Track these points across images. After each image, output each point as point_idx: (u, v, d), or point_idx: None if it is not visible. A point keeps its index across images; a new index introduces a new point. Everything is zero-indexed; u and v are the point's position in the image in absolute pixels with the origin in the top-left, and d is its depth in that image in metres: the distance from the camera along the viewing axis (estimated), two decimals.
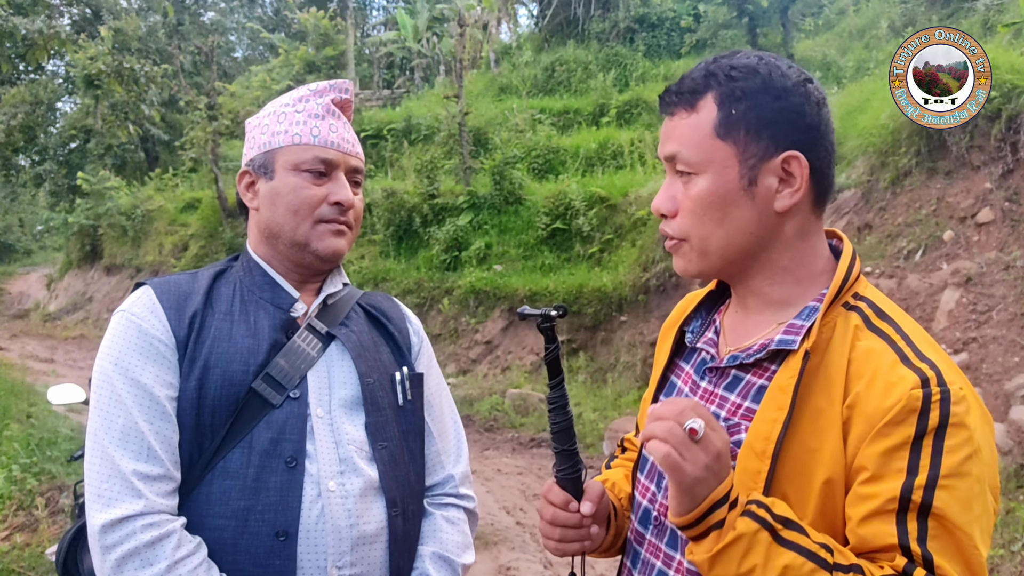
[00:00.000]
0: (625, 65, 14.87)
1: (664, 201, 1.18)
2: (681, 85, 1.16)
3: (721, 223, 1.13)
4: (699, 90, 1.14)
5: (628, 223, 9.80)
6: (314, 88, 1.51)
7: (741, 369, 1.17)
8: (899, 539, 0.98)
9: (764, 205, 1.12)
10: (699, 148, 1.12)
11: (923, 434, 0.99)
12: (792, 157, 1.10)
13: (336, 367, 1.46)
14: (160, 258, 17.45)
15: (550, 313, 1.22)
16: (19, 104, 22.57)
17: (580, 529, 1.24)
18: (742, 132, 1.11)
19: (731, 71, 1.13)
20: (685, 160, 1.14)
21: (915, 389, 1.00)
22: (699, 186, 1.13)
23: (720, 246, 1.14)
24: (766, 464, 1.05)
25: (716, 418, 1.15)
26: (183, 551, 1.26)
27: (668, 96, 1.18)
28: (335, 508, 1.35)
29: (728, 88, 1.12)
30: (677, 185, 1.16)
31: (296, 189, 1.43)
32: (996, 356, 5.11)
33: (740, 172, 1.11)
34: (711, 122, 1.12)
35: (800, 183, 1.11)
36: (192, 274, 1.48)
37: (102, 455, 1.29)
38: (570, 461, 1.24)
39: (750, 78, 1.12)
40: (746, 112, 1.11)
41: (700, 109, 1.13)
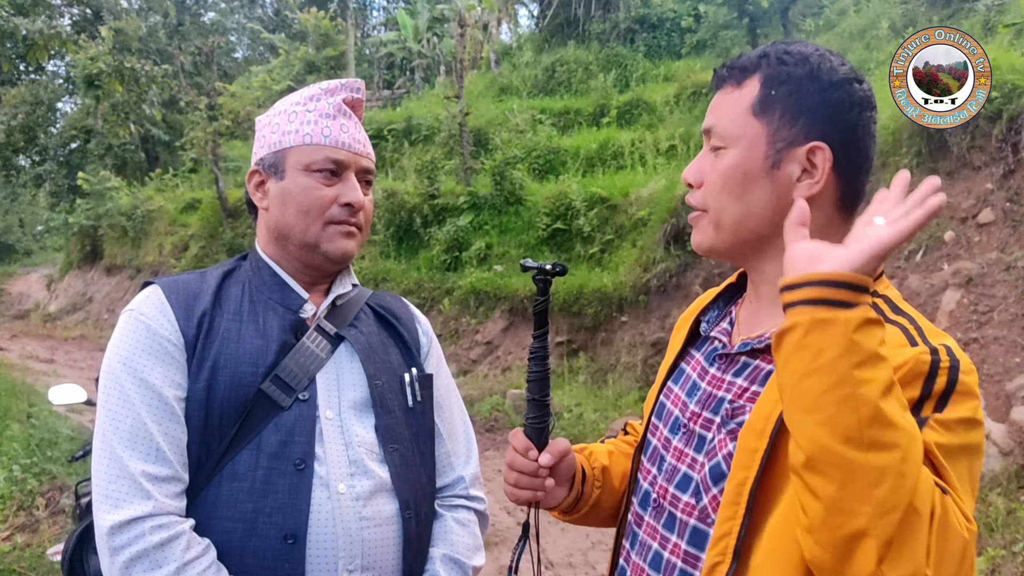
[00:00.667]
0: (625, 66, 14.87)
1: (692, 171, 1.21)
2: (736, 61, 1.19)
3: (739, 199, 1.15)
4: (749, 68, 1.16)
5: (629, 224, 9.80)
6: (325, 87, 1.50)
7: (751, 355, 1.18)
8: None
9: (783, 190, 1.13)
10: (734, 122, 1.15)
11: (927, 397, 0.98)
12: (818, 148, 1.11)
13: (345, 368, 1.45)
14: (160, 258, 17.45)
15: (546, 267, 1.27)
16: (19, 104, 22.60)
17: (535, 478, 1.29)
18: (777, 114, 1.13)
19: (784, 55, 1.15)
20: (720, 133, 1.17)
21: (923, 355, 0.99)
22: (726, 159, 1.15)
23: (733, 221, 1.16)
24: (764, 442, 1.05)
25: (721, 402, 1.17)
26: (192, 553, 1.25)
27: (721, 70, 1.20)
28: (345, 511, 1.34)
29: (776, 70, 1.14)
30: (708, 158, 1.19)
31: (307, 190, 1.42)
32: (997, 357, 5.11)
33: (767, 152, 1.13)
34: (751, 99, 1.15)
35: (821, 176, 1.12)
36: (200, 273, 1.47)
37: (110, 456, 1.28)
38: (539, 411, 1.30)
39: (799, 65, 1.13)
40: (786, 95, 1.13)
41: (745, 86, 1.16)
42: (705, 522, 1.14)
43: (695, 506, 1.16)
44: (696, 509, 1.16)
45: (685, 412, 1.23)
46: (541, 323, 1.30)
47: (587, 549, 4.76)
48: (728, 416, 1.16)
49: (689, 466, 1.19)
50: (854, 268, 0.91)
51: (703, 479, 1.15)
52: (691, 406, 1.23)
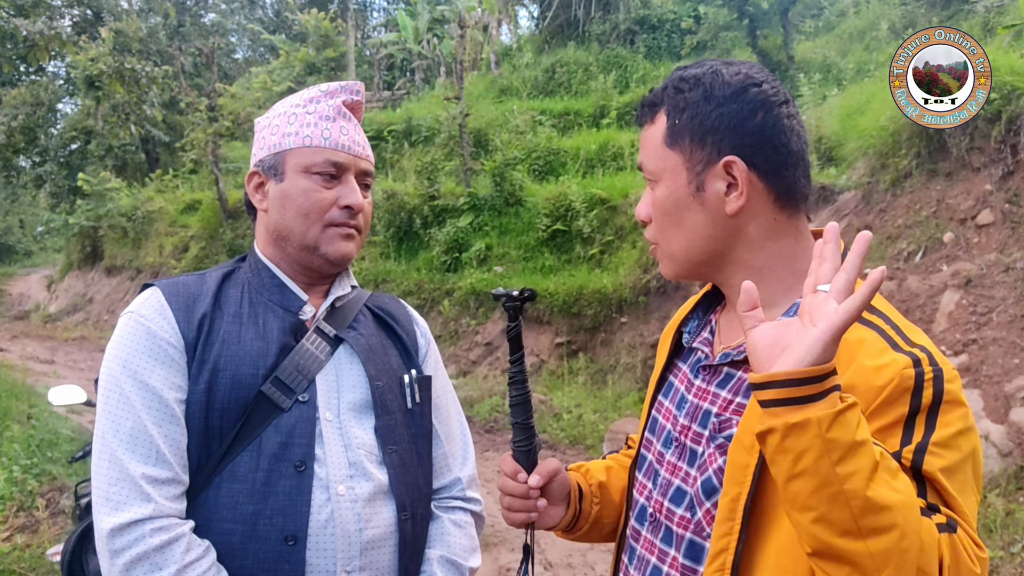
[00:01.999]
0: (626, 67, 14.88)
1: (641, 208, 1.26)
2: (646, 98, 1.24)
3: (679, 227, 1.20)
4: (657, 103, 1.22)
5: (628, 225, 9.80)
6: (325, 89, 1.50)
7: (733, 366, 1.19)
8: None
9: (715, 209, 1.16)
10: (655, 157, 1.20)
11: (916, 412, 0.99)
12: (731, 162, 1.14)
13: (345, 370, 1.45)
14: (160, 259, 17.45)
15: (513, 294, 1.31)
16: (20, 105, 22.59)
17: (527, 500, 1.32)
18: (687, 140, 1.17)
19: (679, 83, 1.19)
20: (648, 168, 1.22)
21: (907, 369, 0.99)
22: (658, 193, 1.21)
23: (682, 249, 1.21)
24: (754, 458, 1.05)
25: (708, 415, 1.18)
26: (192, 555, 1.26)
27: (639, 109, 1.26)
28: (344, 512, 1.34)
29: (675, 99, 1.19)
30: (649, 193, 1.24)
31: (306, 192, 1.43)
32: (996, 358, 5.11)
33: (688, 178, 1.17)
34: (662, 132, 1.19)
35: (742, 186, 1.14)
36: (200, 275, 1.47)
37: (110, 458, 1.28)
38: (524, 434, 1.32)
39: (694, 89, 1.17)
40: (689, 121, 1.17)
41: (656, 121, 1.21)
42: (700, 535, 1.15)
43: (690, 519, 1.17)
44: (691, 523, 1.17)
45: (676, 425, 1.25)
46: (516, 347, 1.32)
47: (586, 550, 4.76)
48: (716, 430, 1.16)
49: (683, 480, 1.20)
50: (815, 360, 0.90)
51: (696, 493, 1.16)
52: (681, 419, 1.24)
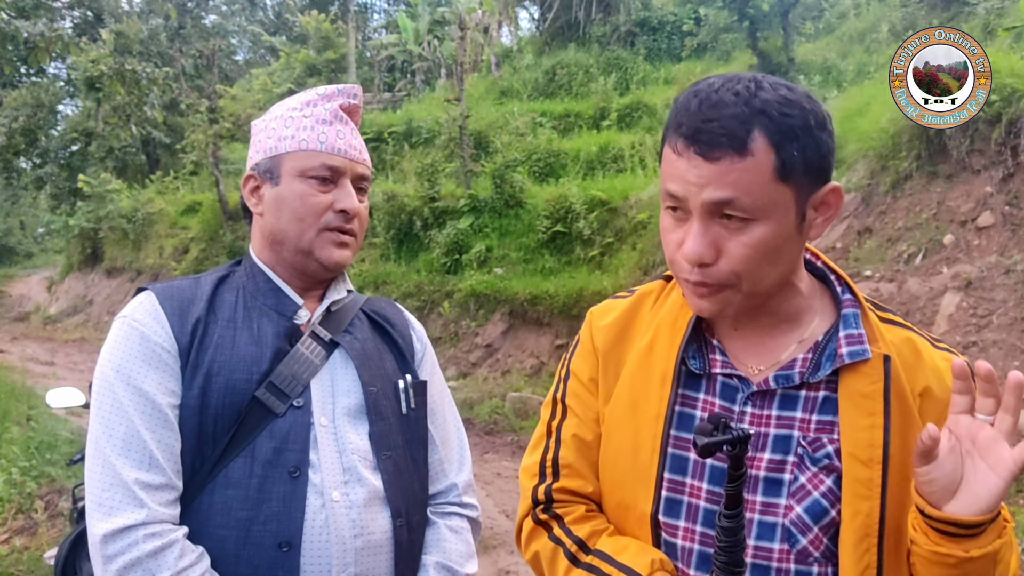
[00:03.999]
0: (626, 68, 14.88)
1: (707, 249, 1.07)
2: (723, 124, 1.03)
3: (775, 264, 1.09)
4: (749, 129, 1.02)
5: (628, 226, 9.80)
6: (322, 92, 1.49)
7: (792, 388, 1.15)
8: None
9: (806, 236, 1.12)
10: (762, 192, 1.03)
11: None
12: (834, 189, 1.10)
13: (340, 375, 1.44)
14: (161, 261, 17.45)
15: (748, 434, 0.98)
16: (20, 107, 22.61)
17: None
18: (800, 171, 1.05)
19: (780, 106, 1.03)
20: (744, 207, 1.03)
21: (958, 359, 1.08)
22: (760, 232, 1.05)
23: (771, 285, 1.12)
24: (877, 471, 1.07)
25: (787, 440, 1.13)
26: (186, 561, 1.25)
27: (708, 136, 1.03)
28: (339, 518, 1.33)
29: (782, 125, 1.03)
30: (714, 229, 1.06)
31: (302, 196, 1.42)
32: (996, 360, 5.10)
33: (797, 211, 1.07)
34: (770, 165, 1.03)
35: (834, 210, 1.12)
36: (194, 279, 1.46)
37: (103, 463, 1.27)
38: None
39: (799, 113, 1.04)
40: (802, 151, 1.04)
41: (754, 152, 1.02)
42: (805, 563, 1.11)
43: (790, 551, 1.11)
44: (792, 553, 1.11)
45: None
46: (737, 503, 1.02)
47: None
48: (812, 452, 1.11)
49: (764, 513, 1.12)
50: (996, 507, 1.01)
51: (797, 521, 1.11)
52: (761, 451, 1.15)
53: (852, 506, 1.07)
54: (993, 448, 0.99)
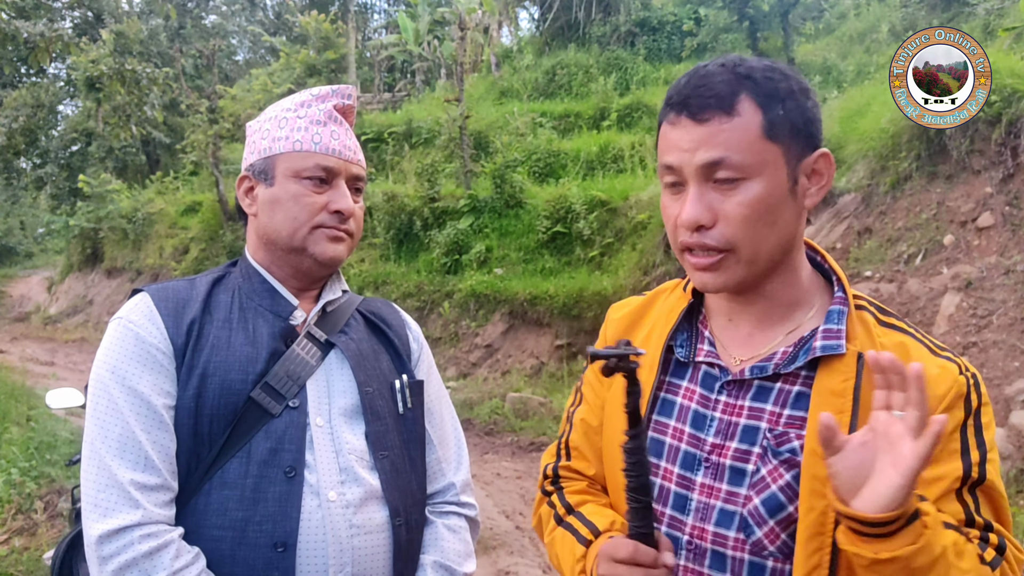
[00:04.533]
0: (626, 69, 14.88)
1: (703, 211, 1.10)
2: (711, 88, 1.10)
3: (773, 227, 1.11)
4: (735, 92, 1.09)
5: (628, 227, 9.80)
6: (316, 93, 1.49)
7: (768, 379, 1.16)
8: (964, 514, 1.06)
9: (801, 204, 1.14)
10: (751, 151, 1.08)
11: (968, 415, 1.08)
12: (824, 154, 1.14)
13: (335, 375, 1.44)
14: (161, 261, 17.45)
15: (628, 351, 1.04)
16: (20, 107, 22.60)
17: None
18: (787, 131, 1.10)
19: (765, 72, 1.11)
20: (735, 165, 1.08)
21: (959, 376, 1.09)
22: (751, 191, 1.09)
23: (771, 250, 1.13)
24: None
25: (755, 431, 1.15)
26: (181, 561, 1.25)
27: (698, 100, 1.10)
28: (336, 518, 1.33)
29: (768, 88, 1.10)
30: (709, 194, 1.10)
31: (296, 197, 1.41)
32: (996, 361, 5.10)
33: (787, 172, 1.11)
34: (758, 124, 1.09)
35: (827, 179, 1.15)
36: (190, 280, 1.46)
37: (99, 464, 1.27)
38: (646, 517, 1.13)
39: (784, 79, 1.12)
40: (790, 112, 1.10)
41: (742, 112, 1.08)
42: (760, 555, 1.12)
43: (746, 540, 1.13)
44: (748, 543, 1.13)
45: (702, 446, 1.19)
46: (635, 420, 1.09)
47: None
48: (776, 445, 1.13)
49: (727, 501, 1.15)
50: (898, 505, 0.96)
51: (753, 512, 1.12)
52: (709, 438, 1.18)
53: (808, 502, 1.07)
54: (898, 444, 0.95)
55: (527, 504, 5.87)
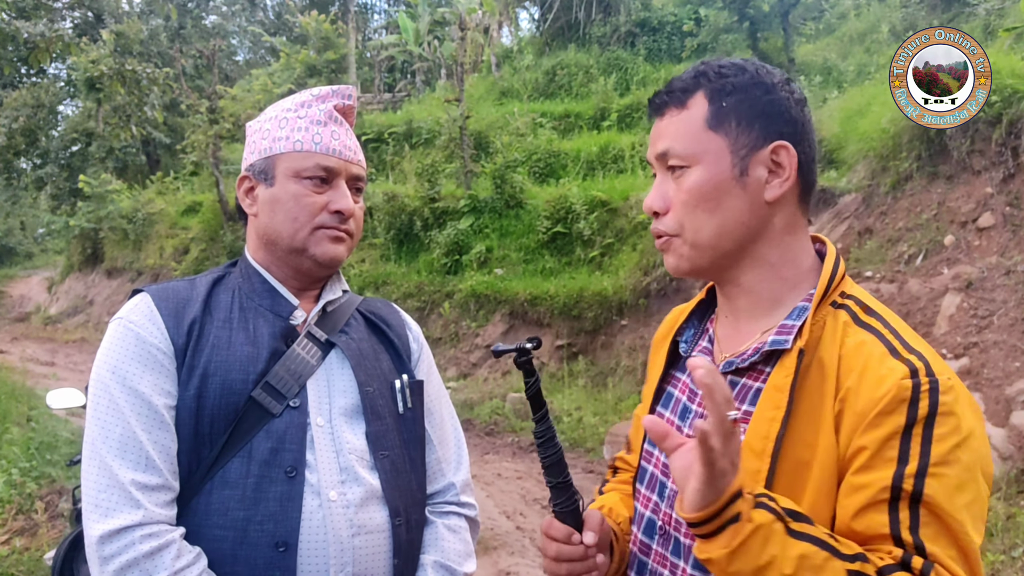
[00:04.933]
0: (626, 69, 14.87)
1: (656, 199, 1.20)
2: (671, 86, 1.20)
3: (714, 213, 1.15)
4: (689, 88, 1.17)
5: (629, 227, 9.80)
6: (316, 93, 1.49)
7: (737, 374, 1.18)
8: (891, 529, 0.99)
9: (755, 195, 1.15)
10: (692, 140, 1.15)
11: (913, 423, 1.00)
12: (781, 147, 1.14)
13: (336, 375, 1.44)
14: (161, 261, 17.46)
15: (525, 347, 1.18)
16: (21, 107, 22.62)
17: (586, 560, 1.22)
18: (733, 123, 1.14)
19: (720, 69, 1.17)
20: (678, 154, 1.16)
21: (904, 379, 1.01)
22: (692, 178, 1.15)
23: (712, 236, 1.16)
24: (766, 463, 1.06)
25: None
26: (183, 561, 1.25)
27: (658, 98, 1.21)
28: (336, 518, 1.33)
29: (718, 84, 1.16)
30: (668, 183, 1.19)
31: (296, 197, 1.41)
32: (997, 361, 5.10)
33: (732, 162, 1.14)
34: (702, 115, 1.15)
35: (790, 172, 1.14)
36: (190, 280, 1.46)
37: (100, 464, 1.27)
38: (566, 493, 1.22)
39: (739, 74, 1.16)
40: (737, 104, 1.14)
41: (691, 106, 1.16)
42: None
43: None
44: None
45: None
46: (538, 405, 1.21)
47: None
48: None
49: None
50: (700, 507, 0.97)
51: None
52: (686, 430, 1.22)
53: None
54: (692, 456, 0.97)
55: (527, 504, 5.87)
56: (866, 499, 1.01)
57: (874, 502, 1.00)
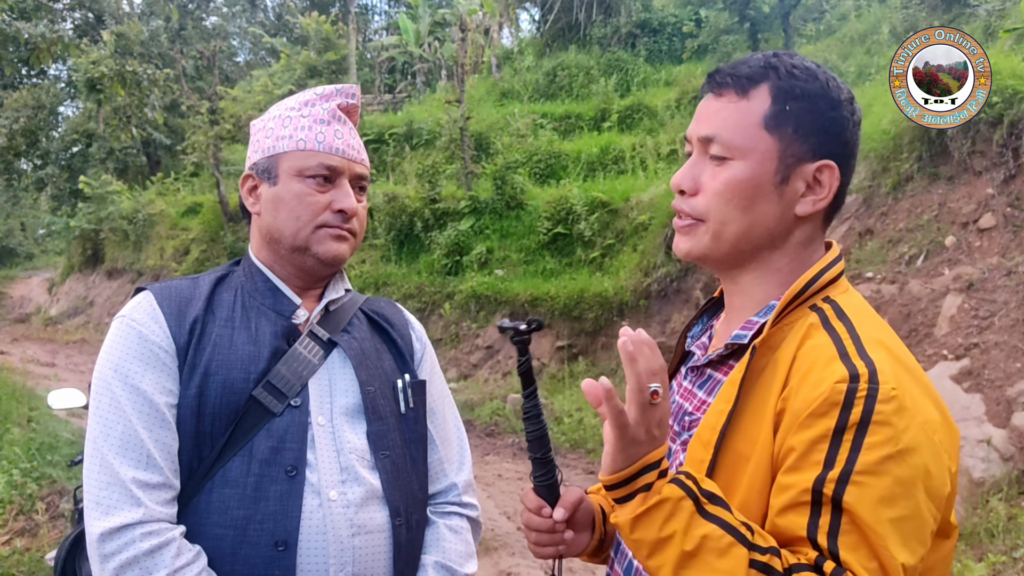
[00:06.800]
0: (627, 70, 14.88)
1: (686, 178, 1.17)
2: (737, 69, 1.15)
3: (745, 212, 1.13)
4: (756, 78, 1.13)
5: (629, 228, 9.80)
6: (320, 92, 1.49)
7: (712, 367, 1.20)
8: (808, 531, 0.98)
9: (788, 205, 1.14)
10: (744, 134, 1.12)
11: (843, 428, 0.98)
12: (827, 166, 1.12)
13: (338, 375, 1.44)
14: (161, 262, 17.46)
15: (520, 327, 1.23)
16: (21, 108, 22.65)
17: (554, 534, 1.27)
18: (790, 129, 1.11)
19: (793, 68, 1.13)
20: (725, 143, 1.13)
21: (840, 383, 0.99)
22: (733, 171, 1.12)
23: (736, 233, 1.14)
24: (709, 453, 1.08)
25: (684, 414, 1.21)
26: (183, 560, 1.25)
27: (720, 76, 1.16)
28: (336, 517, 1.33)
29: (787, 83, 1.12)
30: (703, 166, 1.16)
31: (299, 196, 1.41)
32: (998, 362, 5.09)
33: (777, 168, 1.12)
34: (762, 112, 1.12)
35: (828, 193, 1.13)
36: (193, 279, 1.46)
37: (101, 463, 1.27)
38: (545, 468, 1.27)
39: (811, 80, 1.12)
40: (800, 111, 1.11)
41: (752, 97, 1.13)
42: None
43: None
44: None
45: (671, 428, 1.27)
46: (528, 382, 1.26)
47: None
48: (684, 428, 1.19)
49: None
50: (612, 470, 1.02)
51: None
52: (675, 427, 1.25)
53: None
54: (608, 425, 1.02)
55: None
56: (789, 499, 1.00)
57: (796, 503, 0.99)
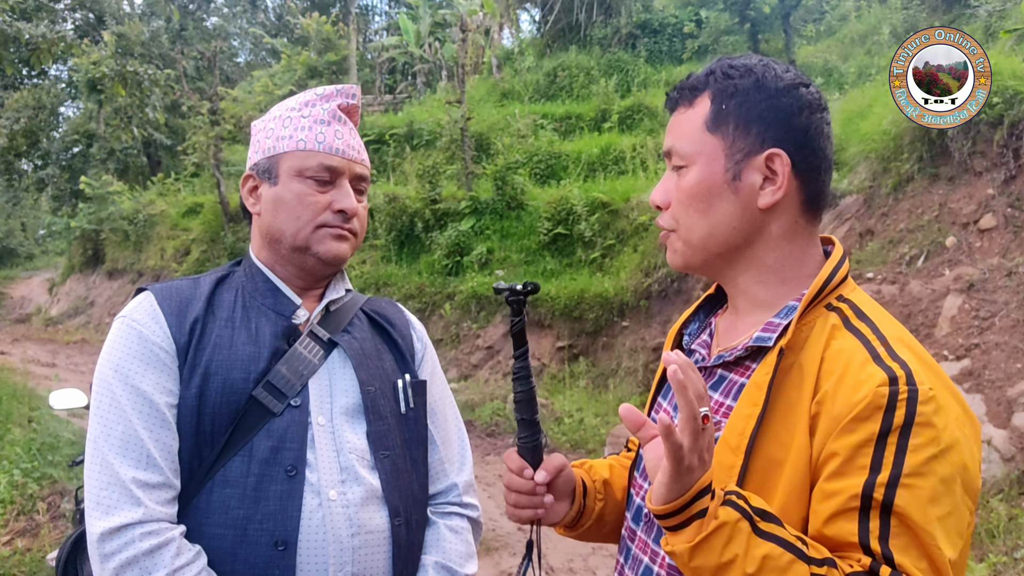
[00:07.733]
0: (627, 71, 14.89)
1: (659, 193, 1.23)
2: (685, 82, 1.21)
3: (705, 214, 1.16)
4: (699, 87, 1.19)
5: (630, 228, 9.80)
6: (321, 93, 1.50)
7: (726, 368, 1.19)
8: (859, 537, 0.98)
9: (747, 200, 1.15)
10: (691, 140, 1.17)
11: (888, 431, 0.98)
12: (775, 155, 1.13)
13: (338, 375, 1.44)
14: (162, 263, 17.47)
15: (517, 287, 1.27)
16: (22, 108, 22.65)
17: (534, 496, 1.30)
18: (731, 126, 1.15)
19: (729, 69, 1.17)
20: (679, 152, 1.18)
21: (882, 386, 1.00)
22: (688, 177, 1.17)
23: (702, 237, 1.17)
24: (739, 459, 1.07)
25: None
26: (182, 559, 1.25)
27: (673, 93, 1.23)
28: (336, 517, 1.33)
29: (722, 85, 1.16)
30: (672, 178, 1.21)
31: (300, 196, 1.42)
32: (999, 362, 5.09)
33: (726, 165, 1.15)
34: (703, 116, 1.16)
35: (782, 181, 1.13)
36: (194, 279, 1.47)
37: (101, 462, 1.28)
38: (530, 430, 1.30)
39: (744, 76, 1.16)
40: (736, 108, 1.14)
41: (697, 104, 1.18)
42: None
43: None
44: None
45: None
46: (520, 343, 1.29)
47: (587, 555, 4.75)
48: None
49: None
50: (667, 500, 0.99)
51: None
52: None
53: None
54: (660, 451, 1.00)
55: None
56: (837, 506, 1.00)
57: (844, 509, 0.99)
